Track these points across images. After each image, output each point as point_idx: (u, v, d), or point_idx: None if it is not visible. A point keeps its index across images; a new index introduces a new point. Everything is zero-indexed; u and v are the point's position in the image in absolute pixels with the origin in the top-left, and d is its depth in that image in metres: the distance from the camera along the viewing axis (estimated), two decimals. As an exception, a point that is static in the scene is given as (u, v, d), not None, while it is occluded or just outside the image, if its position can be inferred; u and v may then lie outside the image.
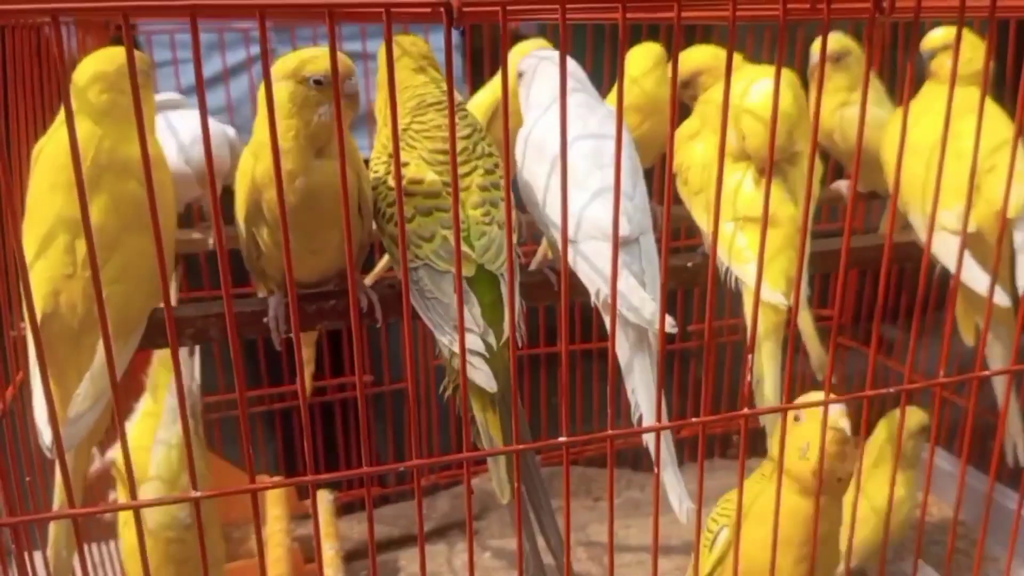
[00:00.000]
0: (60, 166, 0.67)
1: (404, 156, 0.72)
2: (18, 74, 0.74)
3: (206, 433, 1.23)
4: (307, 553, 1.13)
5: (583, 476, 1.39)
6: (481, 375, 0.67)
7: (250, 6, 0.46)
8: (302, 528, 1.19)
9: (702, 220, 0.87)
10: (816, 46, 1.04)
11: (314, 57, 0.66)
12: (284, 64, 0.67)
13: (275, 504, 1.13)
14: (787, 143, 0.81)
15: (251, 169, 0.70)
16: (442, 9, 0.49)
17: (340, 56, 0.64)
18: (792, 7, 0.57)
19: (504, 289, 0.70)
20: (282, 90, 0.66)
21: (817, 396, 0.67)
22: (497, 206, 0.72)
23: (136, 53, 0.53)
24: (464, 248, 0.70)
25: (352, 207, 0.69)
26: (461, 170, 0.72)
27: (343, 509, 1.30)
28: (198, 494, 0.52)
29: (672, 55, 0.55)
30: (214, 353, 1.11)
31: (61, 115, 0.71)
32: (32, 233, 0.67)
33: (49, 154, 0.68)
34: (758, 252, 0.61)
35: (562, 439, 0.59)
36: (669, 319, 0.65)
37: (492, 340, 0.68)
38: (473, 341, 0.68)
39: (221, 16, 0.49)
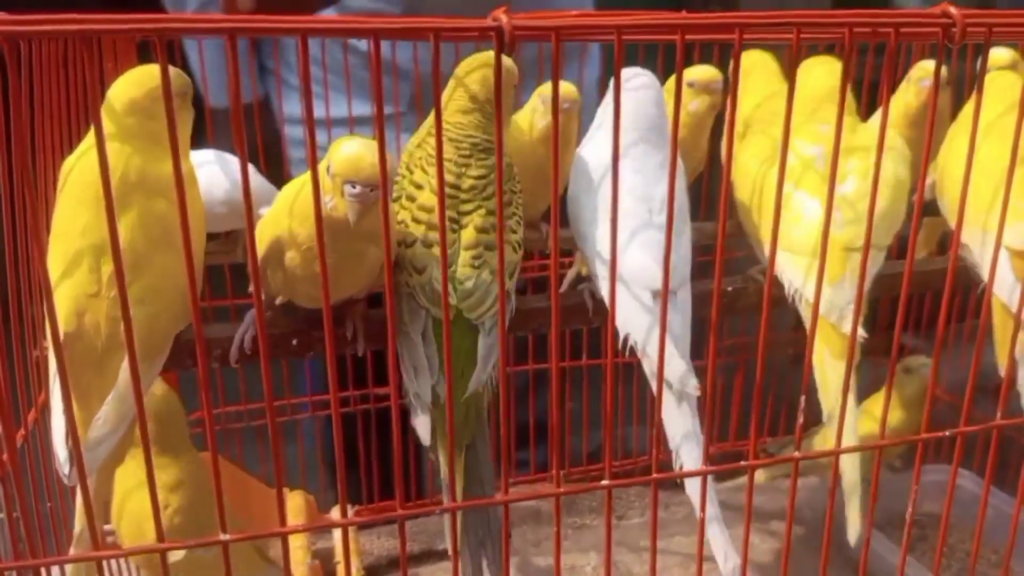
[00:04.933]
0: (88, 183, 0.65)
1: (420, 179, 0.70)
2: (44, 85, 0.71)
3: (227, 444, 1.22)
4: (328, 568, 1.10)
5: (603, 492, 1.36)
6: (419, 425, 0.65)
7: (292, 29, 0.44)
8: (322, 541, 1.17)
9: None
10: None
11: (333, 153, 0.61)
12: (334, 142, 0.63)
13: (295, 518, 1.11)
14: None
15: (279, 223, 0.68)
16: (492, 33, 0.47)
17: (359, 161, 0.59)
18: (857, 31, 0.54)
19: (482, 339, 0.68)
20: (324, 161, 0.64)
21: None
22: (493, 249, 0.69)
23: (174, 72, 0.51)
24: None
25: (373, 273, 0.69)
26: (464, 208, 0.69)
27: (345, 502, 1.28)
28: (227, 537, 0.50)
29: (732, 80, 0.52)
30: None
31: (92, 133, 0.69)
32: (57, 250, 0.65)
33: (78, 171, 0.66)
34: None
35: (604, 482, 0.56)
36: (692, 380, 0.64)
37: (442, 390, 0.65)
38: (421, 386, 0.65)
39: (261, 35, 0.47)
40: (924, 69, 0.99)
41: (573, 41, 0.86)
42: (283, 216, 0.67)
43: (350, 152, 0.60)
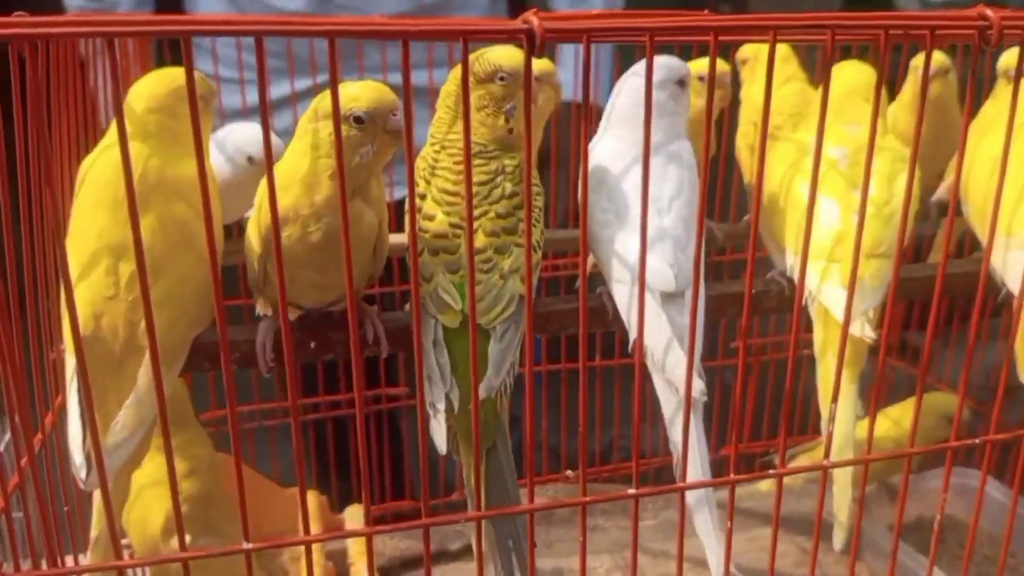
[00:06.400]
0: (106, 184, 0.64)
1: (423, 190, 0.69)
2: (61, 86, 0.70)
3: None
4: (340, 569, 1.10)
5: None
6: (435, 432, 0.64)
7: (320, 31, 0.43)
8: (334, 542, 1.16)
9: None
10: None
11: (356, 94, 0.62)
12: (326, 101, 0.63)
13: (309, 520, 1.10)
14: None
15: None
16: (523, 36, 0.46)
17: (383, 90, 0.61)
18: (892, 33, 0.53)
19: (493, 344, 0.66)
20: (322, 128, 0.63)
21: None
22: (504, 252, 0.68)
23: (197, 76, 0.50)
24: (448, 298, 0.66)
25: (369, 248, 0.68)
26: None
27: (375, 522, 1.27)
28: (249, 546, 0.49)
29: (767, 82, 0.51)
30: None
31: (109, 134, 0.68)
32: (74, 252, 0.64)
33: (95, 172, 0.65)
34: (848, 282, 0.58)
35: (631, 491, 0.55)
36: (699, 383, 0.63)
37: (455, 397, 0.65)
38: (435, 394, 0.65)
39: (289, 36, 0.46)
40: (940, 60, 0.98)
41: (602, 42, 0.84)
42: (281, 194, 0.66)
43: (372, 88, 0.62)
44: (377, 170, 0.66)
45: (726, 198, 1.15)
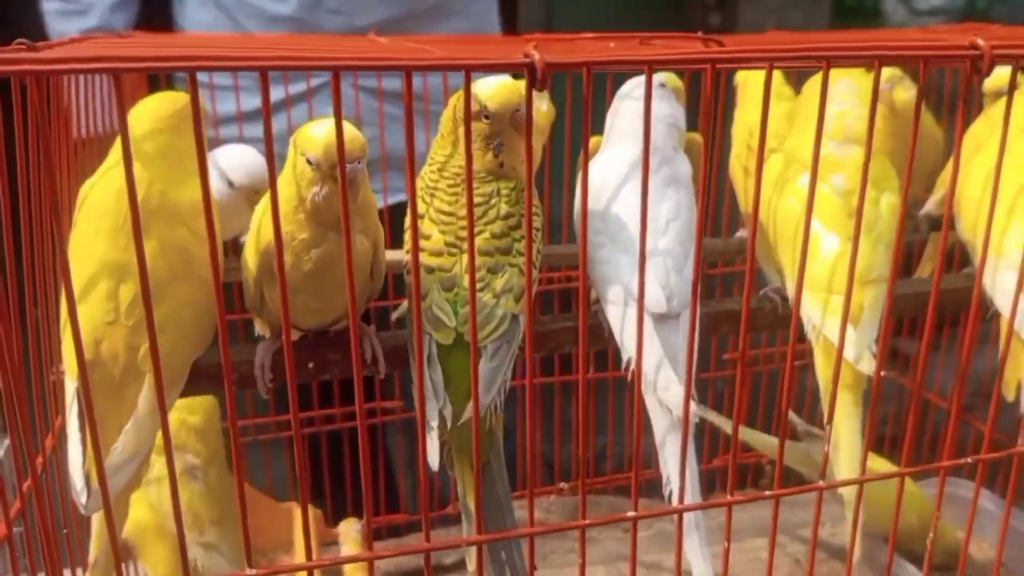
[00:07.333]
0: (106, 210, 0.64)
1: (420, 209, 0.70)
2: (61, 119, 0.71)
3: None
4: (335, 583, 1.10)
5: (613, 505, 1.36)
6: (429, 449, 0.64)
7: (326, 66, 0.43)
8: (329, 554, 1.16)
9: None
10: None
11: (315, 138, 0.61)
12: (296, 132, 0.64)
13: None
14: None
15: (268, 227, 0.67)
16: (525, 69, 0.46)
17: (349, 136, 0.58)
18: (886, 62, 0.54)
19: (485, 363, 0.66)
20: (296, 161, 0.63)
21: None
22: (497, 272, 0.68)
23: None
24: (442, 315, 0.67)
25: (364, 272, 0.69)
26: (464, 233, 0.68)
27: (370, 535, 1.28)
28: (252, 572, 0.50)
29: (763, 113, 0.52)
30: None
31: (110, 160, 0.69)
32: (74, 277, 0.64)
33: (95, 197, 0.65)
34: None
35: (630, 514, 0.56)
36: (692, 406, 0.63)
37: (448, 414, 0.66)
38: (429, 411, 0.65)
39: (293, 70, 0.46)
40: (890, 72, 0.98)
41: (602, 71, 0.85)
42: (266, 218, 0.66)
43: (330, 135, 0.59)
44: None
45: (718, 213, 1.16)
